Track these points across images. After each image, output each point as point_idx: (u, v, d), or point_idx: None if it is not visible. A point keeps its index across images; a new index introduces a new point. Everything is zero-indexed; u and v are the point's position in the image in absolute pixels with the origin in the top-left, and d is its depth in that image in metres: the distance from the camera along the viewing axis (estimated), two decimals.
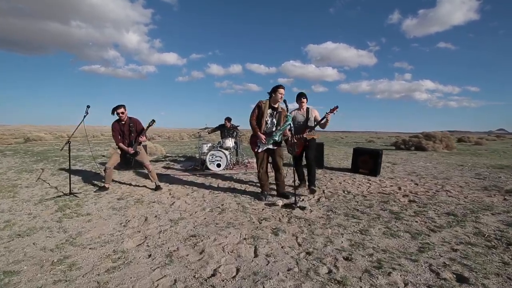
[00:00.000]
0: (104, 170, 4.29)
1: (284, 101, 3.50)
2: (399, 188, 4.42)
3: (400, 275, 1.76)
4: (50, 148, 12.53)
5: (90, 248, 2.19)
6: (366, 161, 5.63)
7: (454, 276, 1.75)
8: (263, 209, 3.21)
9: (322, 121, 3.95)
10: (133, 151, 4.18)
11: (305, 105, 4.07)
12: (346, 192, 4.11)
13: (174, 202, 3.59)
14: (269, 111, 3.63)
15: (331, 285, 1.65)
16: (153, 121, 4.23)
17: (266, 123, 3.64)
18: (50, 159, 8.02)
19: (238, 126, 6.81)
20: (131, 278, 1.75)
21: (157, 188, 4.33)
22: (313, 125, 4.00)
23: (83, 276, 1.77)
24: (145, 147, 6.52)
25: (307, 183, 4.16)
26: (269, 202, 3.48)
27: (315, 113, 4.03)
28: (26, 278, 1.76)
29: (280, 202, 3.36)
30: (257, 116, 3.64)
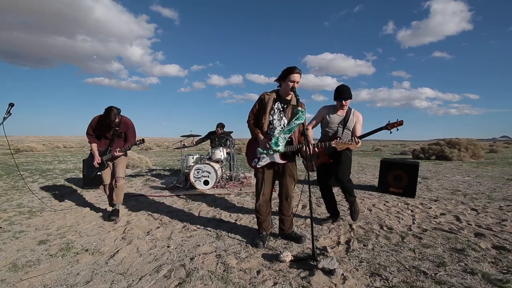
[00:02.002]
0: (104, 190, 3.33)
1: (293, 90, 2.19)
2: (457, 219, 3.06)
3: None
4: (31, 160, 11.36)
5: None
6: (399, 177, 4.27)
7: None
8: (258, 272, 1.85)
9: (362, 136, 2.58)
10: (98, 162, 3.13)
11: (346, 107, 2.70)
12: (385, 228, 2.74)
13: (118, 250, 2.25)
14: (277, 104, 2.33)
15: None
16: (143, 140, 3.15)
17: (271, 122, 2.31)
18: (14, 174, 6.76)
19: (231, 132, 5.50)
20: None
21: (111, 214, 3.10)
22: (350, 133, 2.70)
23: None
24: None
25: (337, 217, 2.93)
26: (270, 253, 2.14)
27: (358, 118, 2.69)
28: None
29: (288, 256, 2.00)
30: (257, 113, 2.39)
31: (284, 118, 2.33)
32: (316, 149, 2.37)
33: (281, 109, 2.34)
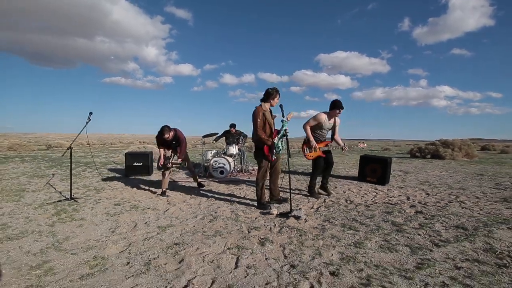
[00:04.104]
0: (163, 174, 4.45)
1: (280, 106, 3.40)
2: (407, 198, 4.14)
3: None
4: (67, 154, 13.03)
5: (71, 254, 2.17)
6: (374, 169, 5.37)
7: None
8: (256, 218, 3.08)
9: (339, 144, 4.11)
10: (162, 164, 4.37)
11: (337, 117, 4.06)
12: (348, 201, 3.90)
13: (168, 208, 3.55)
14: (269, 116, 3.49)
15: None
16: (184, 163, 4.38)
17: (271, 129, 3.48)
18: (63, 165, 8.29)
19: (243, 132, 6.76)
20: (101, 286, 1.69)
21: (162, 193, 4.35)
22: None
23: (55, 282, 1.74)
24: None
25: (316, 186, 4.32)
26: (265, 211, 3.35)
27: (338, 122, 4.07)
28: (1, 282, 1.74)
29: (275, 210, 3.23)
30: (263, 126, 3.38)
31: (273, 125, 3.52)
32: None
33: (272, 119, 3.53)
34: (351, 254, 2.13)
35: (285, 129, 3.29)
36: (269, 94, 3.40)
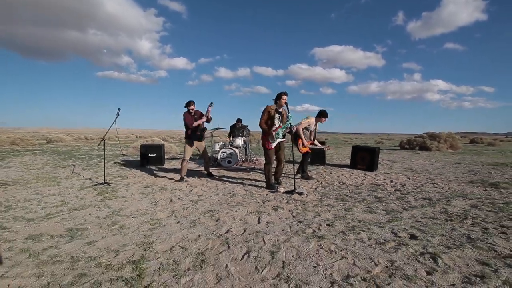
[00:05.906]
0: (182, 163, 5.00)
1: (286, 104, 4.10)
2: (391, 181, 4.92)
3: (366, 234, 2.33)
4: (73, 148, 13.53)
5: (132, 217, 2.87)
6: (364, 157, 6.14)
7: (408, 235, 2.31)
8: (267, 194, 3.82)
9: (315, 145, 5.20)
10: (206, 118, 4.83)
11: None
12: (341, 183, 4.66)
13: (192, 189, 4.25)
14: (277, 115, 4.23)
15: (313, 238, 2.25)
16: (212, 103, 4.90)
17: (274, 124, 4.22)
18: (78, 157, 8.89)
19: (247, 126, 7.45)
20: (167, 233, 2.40)
21: (180, 180, 4.98)
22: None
23: (132, 232, 2.44)
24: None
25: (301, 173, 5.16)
26: (273, 190, 4.08)
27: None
28: (93, 232, 2.44)
29: (282, 189, 3.96)
30: (266, 120, 4.19)
31: (280, 122, 4.24)
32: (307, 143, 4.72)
33: (278, 117, 4.25)
34: (342, 215, 2.87)
35: (290, 123, 4.00)
36: (277, 96, 4.14)
